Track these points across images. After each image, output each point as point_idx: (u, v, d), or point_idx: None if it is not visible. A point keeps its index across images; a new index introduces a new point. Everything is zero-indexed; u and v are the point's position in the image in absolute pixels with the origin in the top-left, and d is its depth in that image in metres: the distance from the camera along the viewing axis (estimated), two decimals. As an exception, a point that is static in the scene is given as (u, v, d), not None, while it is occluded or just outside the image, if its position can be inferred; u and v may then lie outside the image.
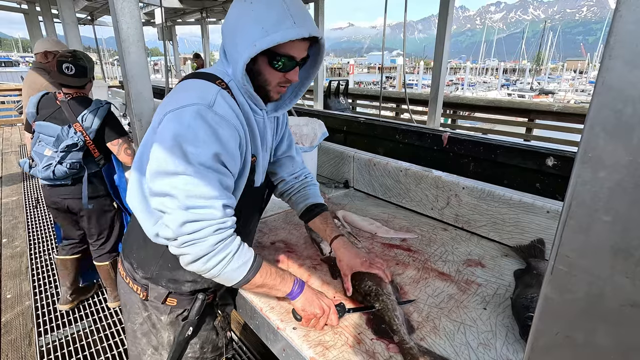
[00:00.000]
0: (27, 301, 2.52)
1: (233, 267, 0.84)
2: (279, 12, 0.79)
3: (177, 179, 0.77)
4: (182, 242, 0.79)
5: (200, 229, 0.78)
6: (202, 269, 0.82)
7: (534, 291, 1.00)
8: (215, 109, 0.80)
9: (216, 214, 0.80)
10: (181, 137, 0.76)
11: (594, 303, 0.35)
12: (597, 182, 0.32)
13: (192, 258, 0.80)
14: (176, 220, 0.78)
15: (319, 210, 1.18)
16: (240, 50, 0.82)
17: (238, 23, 0.83)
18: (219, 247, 0.81)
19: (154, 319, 1.00)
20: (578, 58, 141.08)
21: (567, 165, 1.60)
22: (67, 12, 3.07)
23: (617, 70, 0.29)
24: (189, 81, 0.89)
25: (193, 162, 0.76)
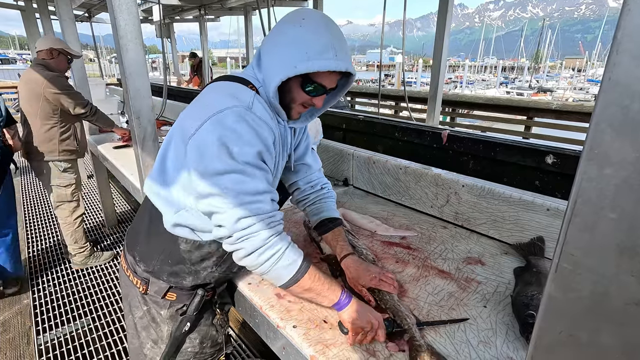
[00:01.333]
0: (26, 299, 2.51)
1: (283, 263, 0.86)
2: (325, 42, 0.83)
3: (226, 179, 0.80)
4: (237, 238, 0.83)
5: (253, 223, 0.82)
6: (254, 263, 0.85)
7: (534, 289, 1.00)
8: (254, 110, 0.85)
9: (266, 207, 0.84)
10: (226, 138, 0.80)
11: (599, 302, 0.34)
12: (603, 179, 0.32)
13: (246, 252, 0.84)
14: (231, 218, 0.81)
15: (332, 226, 1.16)
16: (278, 66, 0.85)
17: (283, 39, 0.86)
18: (271, 241, 0.84)
19: (153, 312, 1.01)
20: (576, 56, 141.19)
21: (566, 163, 1.60)
22: (64, 9, 3.04)
23: (625, 66, 0.29)
24: (223, 84, 0.92)
25: (240, 161, 0.80)
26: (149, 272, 0.98)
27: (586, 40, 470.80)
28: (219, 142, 0.80)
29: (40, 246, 3.22)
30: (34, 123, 2.47)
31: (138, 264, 0.99)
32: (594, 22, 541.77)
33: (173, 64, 9.65)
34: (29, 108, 2.45)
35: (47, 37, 2.59)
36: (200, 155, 0.82)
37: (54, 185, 2.63)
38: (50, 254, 3.10)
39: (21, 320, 2.32)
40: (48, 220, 3.70)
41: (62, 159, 2.59)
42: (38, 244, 3.26)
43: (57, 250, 3.14)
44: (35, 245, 3.24)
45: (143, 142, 1.51)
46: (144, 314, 1.02)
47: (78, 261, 2.84)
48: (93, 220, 3.76)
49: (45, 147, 2.51)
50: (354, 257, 1.09)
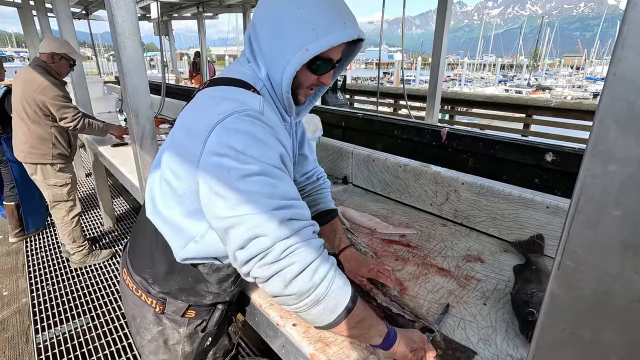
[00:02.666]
0: (24, 298, 2.50)
1: (339, 283, 0.70)
2: (329, 11, 0.73)
3: (252, 183, 0.66)
4: (282, 249, 0.65)
5: (301, 228, 0.68)
6: (311, 282, 0.66)
7: (534, 286, 1.00)
8: (265, 117, 0.73)
9: (306, 214, 0.71)
10: (242, 143, 0.67)
11: (602, 300, 0.34)
12: (607, 176, 0.31)
13: (300, 267, 0.65)
14: (270, 222, 0.65)
15: (329, 217, 1.14)
16: (286, 54, 0.74)
17: (281, 23, 0.74)
18: (324, 252, 0.70)
19: (167, 333, 0.93)
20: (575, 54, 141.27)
21: (566, 161, 1.60)
22: (62, 6, 3.02)
23: (630, 60, 0.28)
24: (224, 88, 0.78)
25: (264, 163, 0.68)
26: (166, 293, 0.89)
27: (585, 38, 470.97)
28: (234, 150, 0.67)
29: (38, 244, 3.21)
30: (27, 125, 2.43)
31: (152, 285, 0.90)
32: (592, 19, 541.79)
33: (171, 61, 9.62)
34: (22, 109, 2.41)
35: (51, 39, 2.53)
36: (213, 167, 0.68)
37: (50, 185, 2.60)
38: (48, 252, 3.09)
39: (20, 318, 2.32)
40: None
41: (54, 162, 2.56)
42: (36, 242, 3.25)
43: (55, 249, 3.13)
44: (33, 243, 3.23)
45: (141, 140, 1.51)
46: (154, 336, 0.93)
47: (76, 260, 2.83)
48: (91, 218, 3.75)
49: (38, 150, 2.47)
50: (352, 250, 1.09)
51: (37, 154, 2.48)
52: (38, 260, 2.97)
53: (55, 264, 2.91)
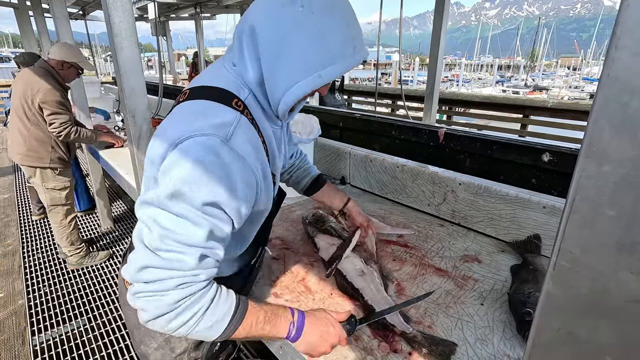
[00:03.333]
0: (21, 300, 2.49)
1: (205, 325, 0.69)
2: (344, 33, 0.69)
3: (161, 214, 0.64)
4: (136, 290, 0.66)
5: (159, 279, 0.64)
6: (165, 329, 0.68)
7: (531, 286, 1.01)
8: (232, 143, 0.67)
9: (188, 263, 0.65)
10: (183, 173, 0.63)
11: (598, 299, 0.34)
12: (601, 176, 0.31)
13: (149, 316, 0.66)
14: (138, 262, 0.65)
15: (322, 181, 1.27)
16: (295, 73, 0.69)
17: (294, 35, 0.67)
18: (184, 304, 0.66)
19: (174, 341, 0.91)
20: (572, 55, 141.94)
21: (563, 161, 1.61)
22: (58, 6, 3.01)
23: (624, 62, 0.28)
24: (200, 104, 0.72)
25: (186, 204, 0.64)
26: None
27: (581, 38, 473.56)
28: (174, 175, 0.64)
29: (35, 246, 3.20)
30: (25, 126, 2.41)
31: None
32: (589, 20, 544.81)
33: (169, 62, 9.60)
34: (22, 110, 2.39)
35: (63, 46, 2.51)
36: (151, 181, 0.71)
37: (49, 188, 2.57)
38: (45, 253, 3.08)
39: (16, 320, 2.30)
40: (43, 219, 3.66)
41: (52, 166, 2.53)
42: (33, 243, 3.23)
43: (52, 250, 3.11)
44: (30, 244, 3.21)
45: (139, 141, 1.50)
46: (160, 345, 0.91)
47: (74, 261, 2.82)
48: (89, 219, 3.73)
49: (36, 153, 2.45)
50: (353, 203, 1.30)
51: (35, 157, 2.46)
52: (35, 261, 2.96)
53: (52, 266, 2.90)
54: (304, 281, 1.13)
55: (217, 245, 0.69)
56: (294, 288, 1.10)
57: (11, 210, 3.92)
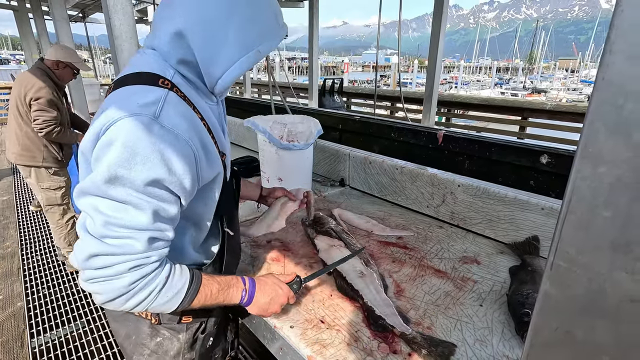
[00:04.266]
0: (19, 302, 2.48)
1: (161, 301, 0.73)
2: (269, 12, 0.75)
3: (101, 202, 0.65)
4: (88, 277, 0.66)
5: (111, 264, 0.66)
6: (121, 308, 0.70)
7: (529, 287, 1.01)
8: (162, 120, 0.67)
9: (137, 247, 0.66)
10: (115, 156, 0.63)
11: (594, 299, 0.35)
12: (597, 178, 0.32)
13: (105, 299, 0.68)
14: (85, 250, 0.65)
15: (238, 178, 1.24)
16: (234, 52, 0.72)
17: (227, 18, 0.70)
18: (138, 285, 0.68)
19: (166, 344, 0.91)
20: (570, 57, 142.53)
21: (561, 163, 1.62)
22: (58, 9, 3.02)
23: (618, 66, 0.29)
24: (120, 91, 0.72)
25: (125, 187, 0.64)
26: None
27: (579, 41, 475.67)
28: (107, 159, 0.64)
29: (33, 248, 3.19)
30: (19, 125, 2.44)
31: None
32: (587, 23, 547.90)
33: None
34: (17, 109, 2.43)
35: (59, 48, 2.56)
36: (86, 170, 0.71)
37: (44, 188, 2.58)
38: (44, 256, 3.07)
39: (15, 323, 2.30)
40: (41, 221, 3.66)
41: (46, 166, 2.54)
42: (31, 245, 3.23)
43: (50, 253, 3.11)
44: (28, 246, 3.20)
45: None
46: (153, 350, 0.91)
47: (72, 263, 2.81)
48: (88, 221, 3.73)
49: (28, 152, 2.47)
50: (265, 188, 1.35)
51: (27, 157, 2.48)
52: (33, 264, 2.95)
53: (51, 268, 2.89)
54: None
55: (165, 226, 0.70)
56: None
57: (10, 213, 3.91)
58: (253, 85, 8.61)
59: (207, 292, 0.80)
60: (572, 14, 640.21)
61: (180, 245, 0.85)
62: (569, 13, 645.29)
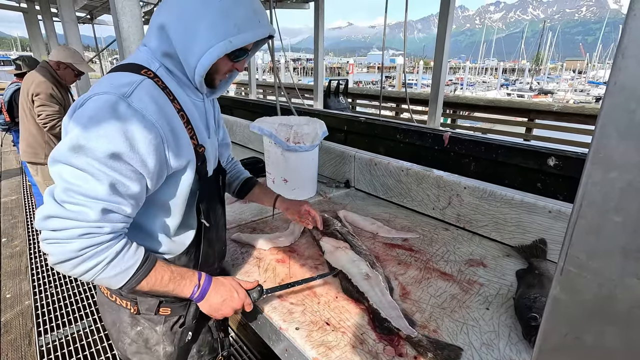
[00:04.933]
0: (27, 301, 2.51)
1: (109, 274, 0.75)
2: (247, 8, 0.79)
3: (65, 169, 0.70)
4: (44, 237, 0.71)
5: (64, 228, 0.70)
6: (70, 273, 0.74)
7: (537, 291, 1.00)
8: (131, 100, 0.72)
9: (90, 216, 0.70)
10: (81, 127, 0.69)
11: (604, 305, 0.34)
12: (608, 183, 0.32)
13: (55, 260, 0.72)
14: (44, 211, 0.70)
15: (252, 182, 1.29)
16: (206, 41, 0.77)
17: (202, 10, 0.76)
18: (87, 253, 0.72)
19: (146, 333, 0.94)
20: (577, 58, 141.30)
21: (568, 165, 1.60)
22: (67, 10, 3.06)
23: (630, 70, 0.29)
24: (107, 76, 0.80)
25: (86, 157, 0.68)
26: (135, 292, 0.88)
27: (587, 42, 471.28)
28: (73, 131, 0.70)
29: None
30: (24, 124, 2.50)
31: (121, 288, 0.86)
32: (594, 23, 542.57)
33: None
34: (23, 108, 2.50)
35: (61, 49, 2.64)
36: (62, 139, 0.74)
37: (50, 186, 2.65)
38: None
39: (23, 321, 2.32)
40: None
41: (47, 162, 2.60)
42: (39, 245, 3.27)
43: (58, 252, 3.14)
44: (36, 246, 3.24)
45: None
46: (133, 339, 0.95)
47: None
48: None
49: (31, 148, 2.53)
50: (282, 197, 1.31)
51: (30, 153, 2.54)
52: (41, 262, 2.98)
53: (58, 267, 2.93)
54: (309, 285, 1.13)
55: (122, 201, 0.74)
56: (299, 291, 1.10)
57: (18, 212, 3.96)
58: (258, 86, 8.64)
59: (158, 277, 0.82)
60: (580, 15, 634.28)
61: (150, 230, 0.88)
62: (577, 14, 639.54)
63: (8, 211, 3.98)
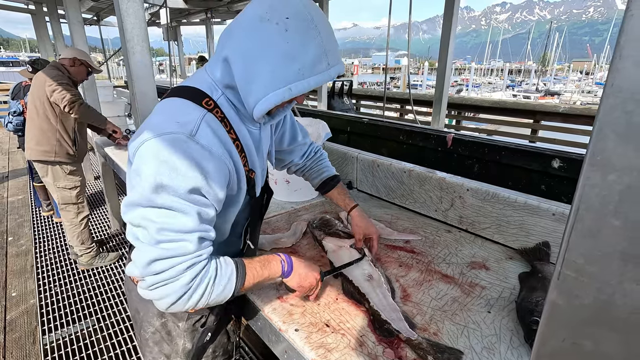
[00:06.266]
0: (32, 299, 2.54)
1: (217, 291, 0.78)
2: (316, 50, 0.72)
3: (150, 211, 0.71)
4: (150, 283, 0.72)
5: (171, 266, 0.71)
6: (185, 308, 0.76)
7: (539, 294, 0.99)
8: (198, 138, 0.73)
9: (189, 247, 0.73)
10: (157, 169, 0.69)
11: (603, 310, 0.34)
12: (606, 186, 0.31)
13: (170, 301, 0.73)
14: (144, 257, 0.71)
15: (334, 183, 1.29)
16: (266, 85, 0.73)
17: (267, 50, 0.72)
18: (196, 281, 0.74)
19: (170, 326, 0.97)
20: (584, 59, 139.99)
21: (573, 167, 1.59)
22: (73, 12, 3.09)
23: (628, 71, 0.28)
24: (169, 101, 0.81)
25: (170, 195, 0.70)
26: None
27: (594, 43, 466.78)
28: (149, 172, 0.70)
29: (47, 246, 3.26)
30: (35, 122, 2.50)
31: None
32: (602, 24, 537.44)
33: (180, 66, 9.75)
34: (34, 107, 2.50)
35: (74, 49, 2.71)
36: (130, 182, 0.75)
37: (60, 187, 2.64)
38: (56, 254, 3.13)
39: (27, 320, 2.35)
40: (54, 220, 3.73)
41: (59, 161, 2.59)
42: (45, 244, 3.30)
43: (63, 251, 3.17)
44: (42, 245, 3.27)
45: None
46: (156, 329, 0.97)
47: (84, 261, 2.87)
48: (99, 221, 3.79)
49: (42, 147, 2.52)
50: (359, 209, 1.27)
51: (41, 151, 2.53)
52: (47, 261, 3.01)
53: (64, 266, 2.95)
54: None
55: (208, 227, 0.78)
56: (300, 292, 1.10)
57: (25, 211, 4.00)
58: (263, 87, 8.64)
59: (253, 271, 0.86)
60: (587, 15, 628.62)
61: None
62: (584, 14, 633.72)
63: (15, 210, 4.03)
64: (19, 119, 3.42)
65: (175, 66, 9.46)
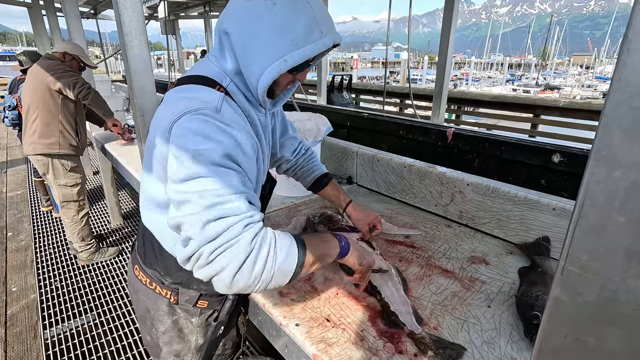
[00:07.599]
0: (33, 294, 2.54)
1: (281, 258, 0.71)
2: (307, 19, 0.73)
3: (193, 184, 0.68)
4: (209, 252, 0.66)
5: (228, 226, 0.67)
6: (251, 279, 0.68)
7: (539, 289, 1.00)
8: (222, 115, 0.74)
9: (241, 207, 0.69)
10: (192, 140, 0.70)
11: (606, 306, 0.34)
12: (611, 182, 0.31)
13: (233, 270, 0.66)
14: (197, 224, 0.66)
15: (327, 180, 1.28)
16: (263, 61, 0.75)
17: (259, 27, 0.73)
18: (257, 241, 0.69)
19: (181, 323, 0.97)
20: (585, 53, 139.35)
21: (573, 162, 1.58)
22: (70, 5, 3.06)
23: (636, 65, 0.28)
24: (187, 87, 0.81)
25: (206, 162, 0.69)
26: (178, 283, 0.94)
27: (595, 36, 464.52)
28: (185, 146, 0.70)
29: (46, 241, 3.26)
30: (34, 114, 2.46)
31: (164, 277, 0.94)
32: (603, 18, 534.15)
33: (178, 60, 9.69)
34: (31, 99, 2.45)
35: (66, 42, 2.66)
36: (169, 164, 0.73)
37: (61, 185, 2.63)
38: (56, 249, 3.14)
39: (28, 314, 2.35)
40: (53, 216, 3.73)
41: (63, 153, 2.56)
42: (45, 239, 3.30)
43: (63, 246, 3.17)
44: (42, 240, 3.27)
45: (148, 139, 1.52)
46: (168, 327, 0.97)
47: (84, 257, 2.87)
48: (98, 216, 3.79)
49: (46, 139, 2.48)
50: (354, 204, 1.28)
51: (45, 144, 2.49)
52: (47, 256, 3.02)
53: (64, 261, 2.95)
54: (310, 281, 1.13)
55: (250, 190, 0.75)
56: (300, 287, 1.10)
57: (24, 206, 4.00)
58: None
59: (311, 242, 0.79)
60: (588, 9, 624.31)
61: None
62: (585, 8, 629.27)
63: (14, 205, 4.02)
64: (13, 113, 3.39)
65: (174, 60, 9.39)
